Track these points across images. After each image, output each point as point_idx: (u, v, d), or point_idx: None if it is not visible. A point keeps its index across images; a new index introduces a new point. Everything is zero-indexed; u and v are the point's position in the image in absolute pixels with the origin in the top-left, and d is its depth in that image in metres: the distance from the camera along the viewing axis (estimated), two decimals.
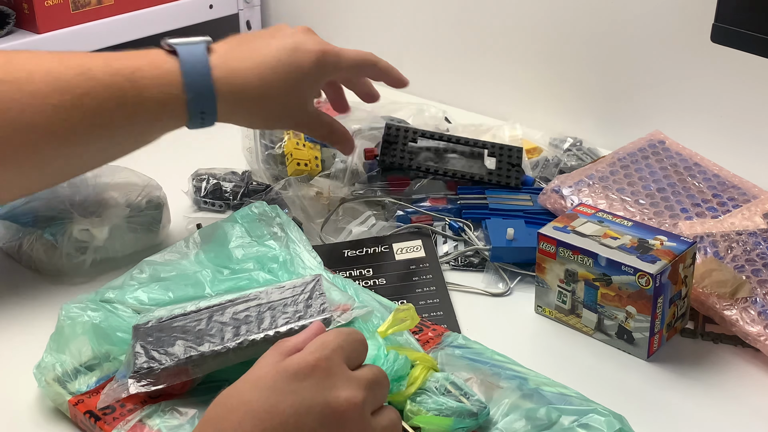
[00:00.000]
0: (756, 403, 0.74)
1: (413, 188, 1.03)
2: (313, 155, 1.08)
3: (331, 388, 0.56)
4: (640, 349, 0.79)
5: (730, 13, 0.86)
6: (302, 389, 0.55)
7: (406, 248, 0.94)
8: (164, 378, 0.68)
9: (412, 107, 1.24)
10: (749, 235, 0.86)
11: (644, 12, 1.13)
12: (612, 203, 0.94)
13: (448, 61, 1.37)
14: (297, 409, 0.54)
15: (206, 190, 1.05)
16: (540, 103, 1.28)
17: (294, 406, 0.54)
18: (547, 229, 0.83)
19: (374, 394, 0.59)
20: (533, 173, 1.07)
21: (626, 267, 0.77)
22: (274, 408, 0.54)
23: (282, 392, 0.55)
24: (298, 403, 0.54)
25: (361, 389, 0.57)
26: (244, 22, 1.56)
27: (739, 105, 1.09)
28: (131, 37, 1.40)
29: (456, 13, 1.33)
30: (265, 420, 0.54)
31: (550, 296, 0.84)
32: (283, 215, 0.86)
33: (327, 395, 0.55)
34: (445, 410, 0.64)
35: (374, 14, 1.44)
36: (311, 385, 0.55)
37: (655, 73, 1.15)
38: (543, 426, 0.64)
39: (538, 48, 1.26)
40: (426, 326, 0.77)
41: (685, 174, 0.98)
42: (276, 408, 0.54)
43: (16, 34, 1.29)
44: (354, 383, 0.57)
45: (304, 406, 0.54)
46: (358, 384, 0.57)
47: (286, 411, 0.54)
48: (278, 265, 0.80)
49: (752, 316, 0.79)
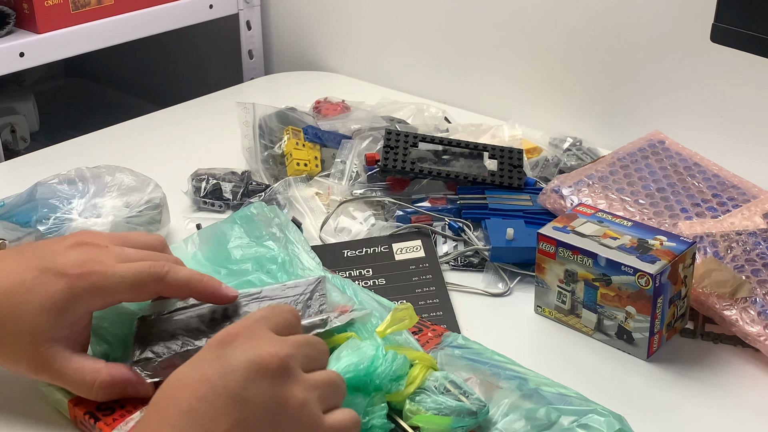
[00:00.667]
0: (756, 403, 0.74)
1: (413, 188, 1.03)
2: (313, 155, 1.08)
3: (254, 347, 0.57)
4: (640, 349, 0.79)
5: (730, 13, 0.86)
6: (226, 354, 0.57)
7: (406, 248, 0.94)
8: (161, 371, 0.68)
9: (411, 107, 1.24)
10: (749, 235, 0.86)
11: (644, 12, 1.13)
12: (612, 203, 0.94)
13: (448, 61, 1.37)
14: (222, 371, 0.56)
15: (206, 190, 1.05)
16: (540, 102, 1.28)
17: (220, 369, 0.56)
18: (546, 229, 0.83)
19: (309, 360, 0.60)
20: (533, 173, 1.07)
21: (626, 267, 0.77)
22: (203, 376, 0.56)
23: (208, 360, 0.57)
24: (223, 366, 0.56)
25: (287, 346, 0.58)
26: (244, 22, 1.56)
27: (739, 105, 1.09)
28: (131, 37, 1.40)
29: (456, 13, 1.33)
30: (196, 389, 0.55)
31: (549, 296, 0.84)
32: (282, 216, 0.86)
33: (250, 353, 0.57)
34: (444, 409, 0.64)
35: (374, 15, 1.44)
36: (235, 348, 0.57)
37: (655, 73, 1.15)
38: (542, 426, 0.64)
39: (538, 48, 1.26)
40: (425, 326, 0.77)
41: (684, 174, 0.98)
42: (204, 375, 0.56)
43: (16, 34, 1.29)
44: (279, 342, 0.59)
45: (229, 368, 0.56)
46: (283, 343, 0.59)
47: (213, 376, 0.56)
48: (277, 266, 0.80)
49: (752, 316, 0.79)
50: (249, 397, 0.55)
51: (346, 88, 1.39)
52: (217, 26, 1.56)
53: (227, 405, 0.55)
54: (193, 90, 1.49)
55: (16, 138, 1.62)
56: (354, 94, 1.30)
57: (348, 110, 1.22)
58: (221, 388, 0.55)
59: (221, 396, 0.55)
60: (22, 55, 1.27)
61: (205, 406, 0.55)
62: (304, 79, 1.50)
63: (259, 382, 0.56)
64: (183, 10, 1.45)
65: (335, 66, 1.53)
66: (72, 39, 1.32)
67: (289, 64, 1.60)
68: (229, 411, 0.55)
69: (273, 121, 1.13)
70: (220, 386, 0.55)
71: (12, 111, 1.63)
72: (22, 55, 1.27)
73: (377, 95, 1.30)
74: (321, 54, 1.55)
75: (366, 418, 0.64)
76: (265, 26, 1.60)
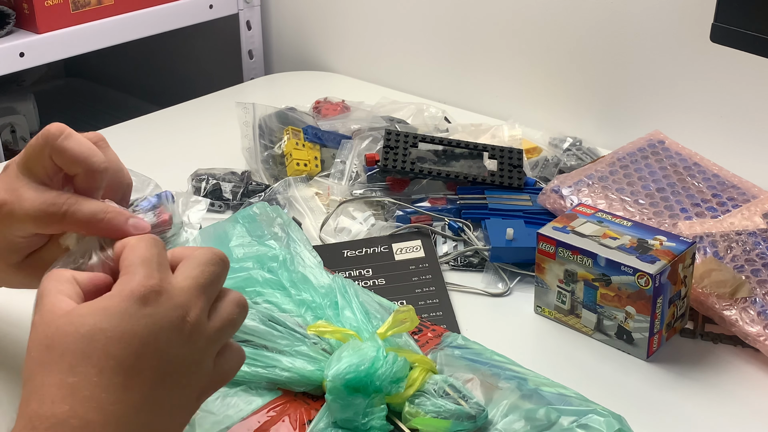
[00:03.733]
0: (756, 403, 0.74)
1: (413, 188, 1.03)
2: (313, 155, 1.08)
3: (180, 307, 0.56)
4: (640, 349, 0.79)
5: (730, 13, 0.86)
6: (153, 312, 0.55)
7: (406, 248, 0.94)
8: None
9: (411, 107, 1.24)
10: (749, 235, 0.86)
11: (644, 11, 1.13)
12: (611, 203, 0.94)
13: (448, 61, 1.37)
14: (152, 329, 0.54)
15: (206, 190, 1.05)
16: (540, 102, 1.28)
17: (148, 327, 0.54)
18: (546, 229, 0.83)
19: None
20: (533, 173, 1.07)
21: (626, 267, 0.77)
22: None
23: (135, 317, 0.54)
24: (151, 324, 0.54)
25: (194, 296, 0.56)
26: (244, 22, 1.56)
27: (739, 105, 1.09)
28: (131, 37, 1.40)
29: (456, 13, 1.33)
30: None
31: (549, 296, 0.84)
32: (284, 215, 0.87)
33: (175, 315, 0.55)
34: (444, 413, 0.64)
35: (374, 15, 1.44)
36: (160, 306, 0.55)
37: (655, 73, 1.15)
38: (542, 426, 0.64)
39: (537, 48, 1.26)
40: (425, 326, 0.77)
41: (684, 174, 0.98)
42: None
43: (16, 34, 1.29)
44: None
45: (157, 326, 0.54)
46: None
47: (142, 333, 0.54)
48: (278, 264, 0.80)
49: (752, 316, 0.79)
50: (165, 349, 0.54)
51: (346, 88, 1.39)
52: (217, 26, 1.56)
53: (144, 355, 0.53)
54: (193, 90, 1.49)
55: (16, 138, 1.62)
56: (354, 94, 1.30)
57: (348, 110, 1.22)
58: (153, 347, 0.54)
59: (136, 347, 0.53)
60: (22, 55, 1.27)
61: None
62: (304, 79, 1.51)
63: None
64: (183, 10, 1.45)
65: (335, 66, 1.53)
66: (72, 39, 1.32)
67: (289, 64, 1.60)
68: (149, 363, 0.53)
69: (273, 121, 1.13)
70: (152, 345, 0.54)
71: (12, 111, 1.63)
72: (22, 55, 1.27)
73: (377, 95, 1.30)
74: (321, 54, 1.55)
75: (365, 419, 0.64)
76: (265, 26, 1.60)
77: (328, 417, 0.65)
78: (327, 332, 0.70)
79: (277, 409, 0.67)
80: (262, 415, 0.66)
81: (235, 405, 0.67)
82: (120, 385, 0.52)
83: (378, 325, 0.70)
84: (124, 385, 0.52)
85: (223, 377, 0.59)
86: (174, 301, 0.55)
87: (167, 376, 0.54)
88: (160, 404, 0.54)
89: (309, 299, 0.75)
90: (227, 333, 0.58)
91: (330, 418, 0.65)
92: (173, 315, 0.55)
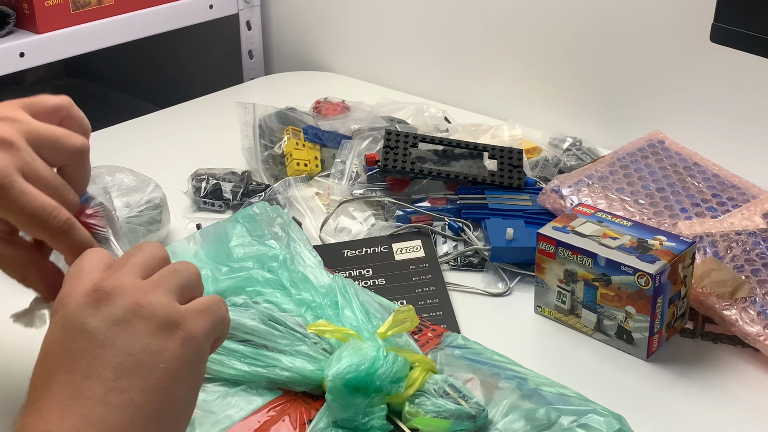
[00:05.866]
0: (756, 403, 0.74)
1: (413, 188, 1.03)
2: (313, 155, 1.08)
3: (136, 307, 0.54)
4: (640, 349, 0.79)
5: (730, 13, 0.86)
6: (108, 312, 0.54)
7: (406, 248, 0.94)
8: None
9: (411, 107, 1.24)
10: (748, 235, 0.86)
11: (644, 12, 1.13)
12: (611, 203, 0.94)
13: (447, 61, 1.37)
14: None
15: (206, 190, 1.05)
16: (540, 102, 1.28)
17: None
18: (546, 229, 0.83)
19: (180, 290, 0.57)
20: (533, 173, 1.07)
21: (625, 267, 0.77)
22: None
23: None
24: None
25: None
26: (244, 22, 1.56)
27: (739, 105, 1.09)
28: (131, 37, 1.40)
29: (456, 13, 1.33)
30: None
31: (549, 296, 0.84)
32: (285, 215, 0.87)
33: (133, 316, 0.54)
34: (444, 412, 0.64)
35: (374, 15, 1.44)
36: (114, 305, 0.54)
37: (655, 72, 1.15)
38: (542, 426, 0.64)
39: (537, 48, 1.26)
40: (425, 326, 0.77)
41: (684, 174, 0.98)
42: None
43: (16, 34, 1.29)
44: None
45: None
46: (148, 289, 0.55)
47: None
48: (278, 264, 0.80)
49: (752, 316, 0.79)
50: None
51: (346, 88, 1.39)
52: (217, 26, 1.56)
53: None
54: (193, 90, 1.49)
55: None
56: (354, 94, 1.30)
57: (348, 110, 1.22)
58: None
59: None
60: (22, 55, 1.27)
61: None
62: (304, 79, 1.51)
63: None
64: (183, 10, 1.45)
65: (335, 66, 1.53)
66: (72, 39, 1.32)
67: (289, 64, 1.60)
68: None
69: (273, 121, 1.13)
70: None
71: None
72: (22, 55, 1.27)
73: (377, 95, 1.30)
74: (321, 54, 1.55)
75: (365, 419, 0.64)
76: (265, 26, 1.60)
77: (328, 417, 0.65)
78: (327, 332, 0.70)
79: (277, 409, 0.67)
80: (262, 414, 0.66)
81: (236, 405, 0.67)
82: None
83: (378, 325, 0.70)
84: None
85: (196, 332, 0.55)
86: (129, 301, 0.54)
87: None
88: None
89: (309, 299, 0.75)
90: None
91: (330, 418, 0.65)
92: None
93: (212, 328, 0.56)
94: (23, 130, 0.64)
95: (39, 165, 0.63)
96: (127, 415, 0.51)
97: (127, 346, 0.52)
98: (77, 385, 0.51)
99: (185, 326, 0.54)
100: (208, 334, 0.55)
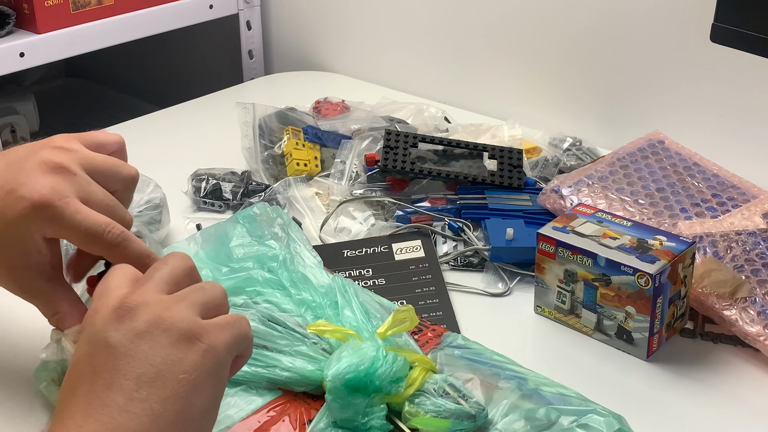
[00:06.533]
0: (756, 403, 0.74)
1: (413, 188, 1.03)
2: (313, 155, 1.08)
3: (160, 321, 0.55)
4: (640, 349, 0.79)
5: (730, 13, 0.86)
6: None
7: (406, 248, 0.94)
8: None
9: (411, 107, 1.24)
10: (748, 235, 0.86)
11: (644, 11, 1.13)
12: (611, 203, 0.94)
13: (448, 61, 1.37)
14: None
15: (206, 190, 1.05)
16: (539, 102, 1.28)
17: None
18: (546, 229, 0.83)
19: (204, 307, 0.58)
20: (533, 173, 1.07)
21: (625, 267, 0.77)
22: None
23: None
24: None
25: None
26: (244, 23, 1.56)
27: (739, 105, 1.09)
28: (131, 37, 1.40)
29: (456, 13, 1.33)
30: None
31: (549, 296, 0.84)
32: (285, 216, 0.87)
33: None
34: (444, 412, 0.64)
35: (374, 15, 1.44)
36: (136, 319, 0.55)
37: (655, 72, 1.15)
38: (542, 426, 0.64)
39: (537, 48, 1.26)
40: (425, 326, 0.77)
41: (684, 174, 0.98)
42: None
43: (16, 34, 1.29)
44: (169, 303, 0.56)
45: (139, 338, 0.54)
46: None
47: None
48: (278, 264, 0.80)
49: (751, 316, 0.79)
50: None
51: (346, 88, 1.39)
52: (217, 26, 1.56)
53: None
54: (193, 90, 1.49)
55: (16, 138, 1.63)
56: (354, 94, 1.30)
57: (348, 110, 1.22)
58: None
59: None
60: (22, 55, 1.27)
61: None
62: (304, 79, 1.51)
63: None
64: (183, 10, 1.45)
65: (335, 66, 1.53)
66: (72, 39, 1.32)
67: (289, 64, 1.60)
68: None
69: (273, 121, 1.13)
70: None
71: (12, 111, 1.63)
72: (22, 55, 1.27)
73: (377, 95, 1.30)
74: (321, 54, 1.55)
75: (365, 419, 0.64)
76: (265, 26, 1.60)
77: (328, 417, 0.65)
78: (327, 332, 0.70)
79: (277, 409, 0.67)
80: (262, 414, 0.66)
81: (236, 405, 0.67)
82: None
83: (378, 325, 0.70)
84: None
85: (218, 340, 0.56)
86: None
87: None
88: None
89: (309, 299, 0.75)
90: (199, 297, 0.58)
91: (330, 418, 0.65)
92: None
93: (233, 343, 0.57)
94: (78, 158, 0.68)
95: (95, 188, 0.67)
96: (146, 422, 0.52)
97: (148, 357, 0.53)
98: (99, 394, 0.52)
99: (206, 338, 0.55)
100: (229, 347, 0.56)
